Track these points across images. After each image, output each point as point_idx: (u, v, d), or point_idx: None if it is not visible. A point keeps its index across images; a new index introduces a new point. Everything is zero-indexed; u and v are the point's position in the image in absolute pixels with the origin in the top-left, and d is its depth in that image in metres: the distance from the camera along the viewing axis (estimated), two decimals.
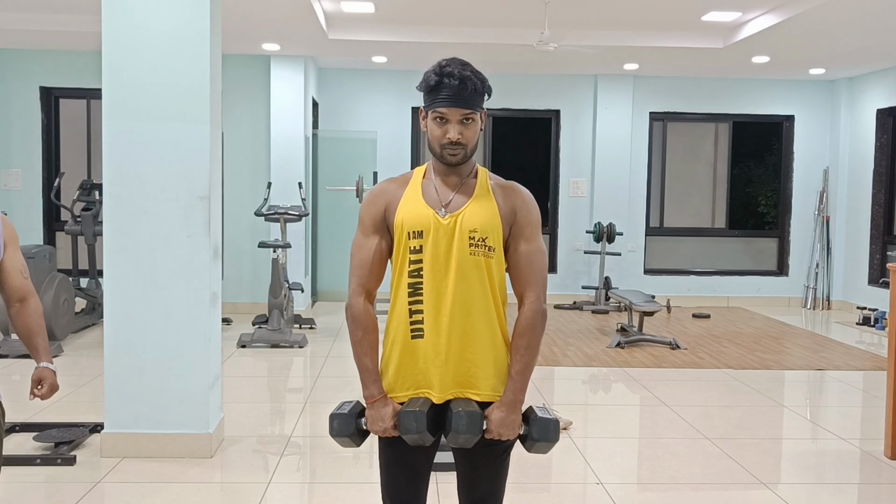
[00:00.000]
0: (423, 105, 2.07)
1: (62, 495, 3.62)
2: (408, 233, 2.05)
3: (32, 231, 8.73)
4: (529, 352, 2.08)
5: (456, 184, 2.10)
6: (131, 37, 3.99)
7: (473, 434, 2.02)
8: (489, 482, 2.16)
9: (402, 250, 2.07)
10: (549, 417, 2.09)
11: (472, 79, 2.01)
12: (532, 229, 2.11)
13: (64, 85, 8.71)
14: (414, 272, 2.05)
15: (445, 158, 2.06)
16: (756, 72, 9.36)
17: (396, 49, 8.10)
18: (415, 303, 2.06)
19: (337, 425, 2.12)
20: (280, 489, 3.76)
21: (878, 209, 9.36)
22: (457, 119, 2.02)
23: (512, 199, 2.11)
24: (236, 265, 8.75)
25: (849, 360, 6.82)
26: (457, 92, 2.00)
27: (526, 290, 2.10)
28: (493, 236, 2.06)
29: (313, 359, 6.60)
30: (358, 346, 2.11)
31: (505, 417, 2.05)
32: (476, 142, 2.08)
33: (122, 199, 4.03)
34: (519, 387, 2.07)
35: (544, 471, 4.03)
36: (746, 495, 3.77)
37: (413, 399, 2.07)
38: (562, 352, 6.91)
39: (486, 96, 2.07)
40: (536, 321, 2.08)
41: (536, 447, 2.10)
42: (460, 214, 2.05)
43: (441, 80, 2.01)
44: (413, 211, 2.07)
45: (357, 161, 9.49)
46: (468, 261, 2.04)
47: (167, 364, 4.08)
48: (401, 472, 2.16)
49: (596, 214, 9.81)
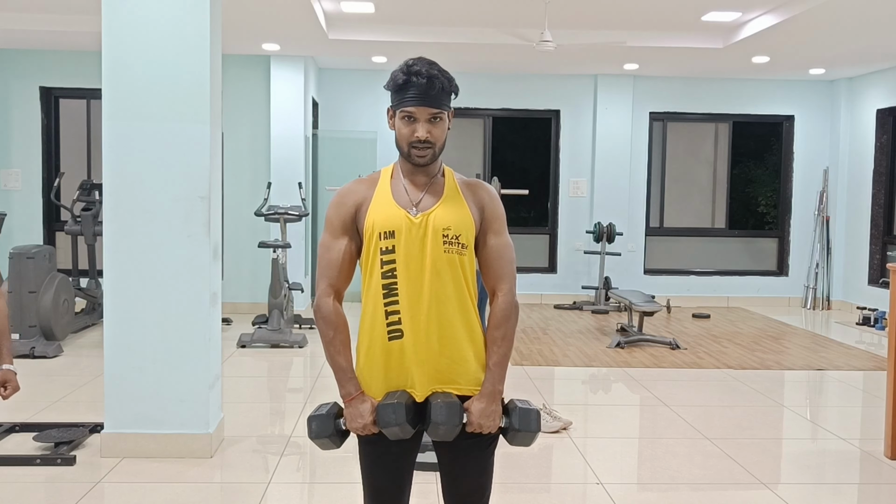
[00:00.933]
0: (391, 104, 2.09)
1: (62, 495, 3.62)
2: (379, 233, 2.05)
3: (32, 231, 8.74)
4: (506, 342, 2.11)
5: (424, 183, 2.11)
6: (131, 37, 3.99)
7: (452, 424, 2.01)
8: (475, 478, 2.15)
9: (373, 251, 2.07)
10: (529, 408, 2.10)
11: (439, 77, 2.03)
12: (499, 223, 2.14)
13: (64, 85, 8.71)
14: (387, 272, 2.05)
15: (413, 158, 2.07)
16: (756, 72, 9.36)
17: (396, 49, 8.09)
18: (391, 304, 2.05)
19: (315, 427, 2.12)
20: (280, 489, 3.76)
21: (878, 209, 9.36)
22: (425, 118, 2.03)
23: (479, 195, 2.14)
24: (236, 265, 8.75)
25: (849, 360, 6.82)
26: (424, 91, 2.01)
27: (498, 283, 2.13)
28: (465, 234, 2.08)
29: (313, 359, 6.60)
30: (330, 345, 2.11)
31: (485, 408, 2.06)
32: (444, 141, 2.09)
33: (122, 199, 4.03)
34: (497, 378, 2.09)
35: (544, 471, 4.03)
36: (746, 495, 3.77)
37: (390, 393, 2.07)
38: (562, 352, 6.91)
39: (453, 95, 2.09)
40: (511, 312, 2.12)
41: (518, 438, 2.10)
42: (432, 213, 2.06)
43: (409, 79, 2.02)
44: (384, 211, 2.07)
45: (357, 161, 9.48)
46: (442, 259, 2.05)
47: (167, 364, 4.08)
48: (382, 472, 2.15)
49: (596, 214, 9.81)
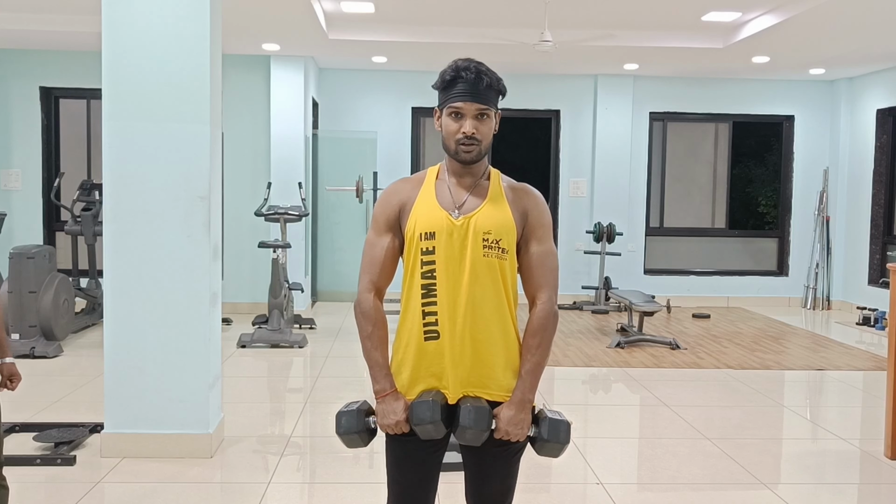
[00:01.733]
0: (438, 104, 2.09)
1: (62, 495, 3.62)
2: (420, 234, 2.05)
3: (32, 231, 8.74)
4: (541, 351, 2.09)
5: (470, 185, 2.11)
6: (131, 37, 3.99)
7: (480, 429, 2.00)
8: (499, 483, 2.14)
9: (414, 251, 2.07)
10: (560, 419, 2.08)
11: (487, 74, 2.05)
12: (544, 231, 2.12)
13: (64, 85, 8.71)
14: (427, 273, 2.05)
15: (460, 155, 2.06)
16: (756, 72, 9.36)
17: (396, 49, 8.10)
18: (428, 304, 2.05)
19: (345, 422, 2.10)
20: (280, 489, 3.76)
21: (878, 209, 9.36)
22: (472, 114, 2.03)
23: (524, 200, 2.12)
24: (236, 265, 8.75)
25: (849, 360, 6.81)
26: (473, 86, 2.02)
27: (538, 291, 2.10)
28: (506, 238, 2.07)
29: (313, 359, 6.60)
30: (368, 340, 2.10)
31: (514, 416, 2.03)
32: (490, 140, 2.08)
33: (122, 199, 4.03)
34: (528, 386, 2.07)
35: (544, 471, 4.03)
36: (746, 495, 3.77)
37: (425, 392, 2.06)
38: (562, 352, 6.91)
39: (500, 96, 2.09)
40: (549, 321, 2.09)
41: (546, 448, 2.08)
42: (474, 216, 2.06)
43: (457, 74, 2.03)
44: (426, 212, 2.07)
45: (357, 161, 9.48)
46: (481, 262, 2.04)
47: (167, 364, 4.08)
48: (410, 471, 2.13)
49: (596, 214, 9.81)
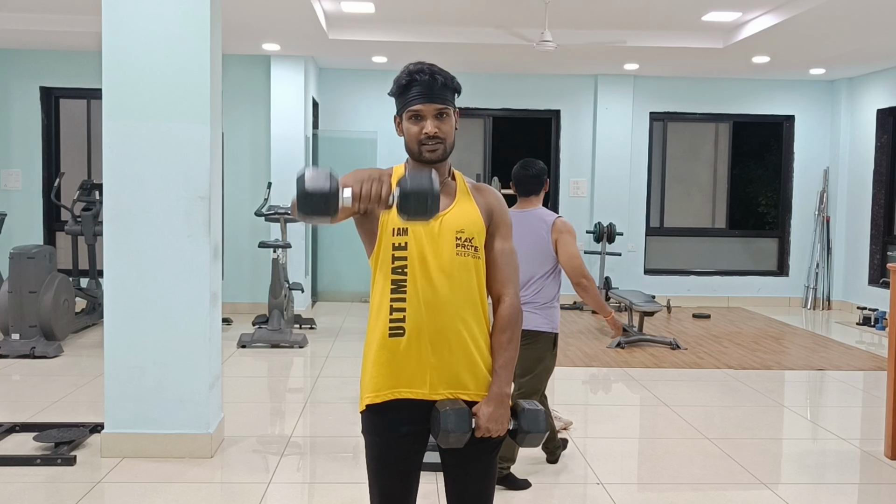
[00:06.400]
0: (397, 111, 2.11)
1: (62, 495, 3.62)
2: (392, 229, 2.05)
3: (32, 231, 8.74)
4: (512, 346, 2.11)
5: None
6: (131, 37, 3.99)
7: (462, 431, 2.00)
8: (479, 481, 2.15)
9: (385, 246, 2.06)
10: (536, 408, 2.11)
11: (441, 74, 2.06)
12: (507, 229, 2.15)
13: (64, 85, 8.71)
14: (398, 269, 2.04)
15: (424, 156, 2.07)
16: (756, 72, 9.36)
17: (396, 49, 8.10)
18: (396, 300, 2.04)
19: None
20: (280, 489, 3.76)
21: (879, 209, 9.36)
22: (432, 114, 2.05)
23: (488, 199, 2.15)
24: (236, 265, 8.75)
25: (849, 360, 6.81)
26: (428, 87, 2.04)
27: (504, 288, 2.12)
28: (478, 237, 2.08)
29: (313, 359, 6.60)
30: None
31: (493, 412, 2.04)
32: (453, 139, 2.09)
33: (122, 199, 4.03)
34: (504, 381, 2.09)
35: (544, 471, 4.03)
36: (746, 495, 3.77)
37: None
38: (562, 352, 6.90)
39: (456, 94, 2.10)
40: (517, 317, 2.12)
41: (528, 439, 2.10)
42: (446, 215, 2.06)
43: (412, 78, 2.05)
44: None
45: (357, 161, 9.48)
46: (455, 261, 2.04)
47: (167, 364, 4.08)
48: (391, 475, 2.12)
49: (596, 214, 9.81)
